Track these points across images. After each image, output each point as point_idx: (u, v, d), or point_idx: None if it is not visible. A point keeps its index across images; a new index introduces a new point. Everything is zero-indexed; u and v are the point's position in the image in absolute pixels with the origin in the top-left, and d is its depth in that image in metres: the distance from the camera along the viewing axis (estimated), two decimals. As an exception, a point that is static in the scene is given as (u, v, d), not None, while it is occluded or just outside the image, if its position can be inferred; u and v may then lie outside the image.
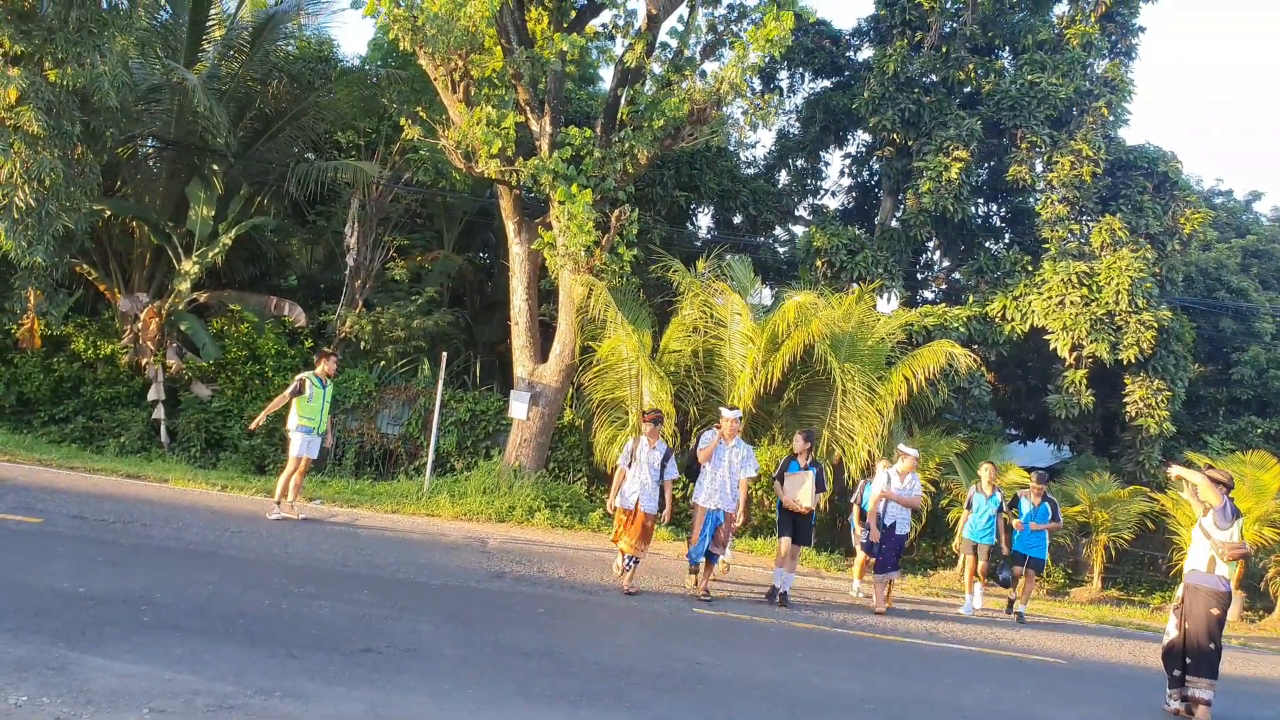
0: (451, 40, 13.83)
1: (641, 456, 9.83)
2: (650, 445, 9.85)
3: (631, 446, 9.91)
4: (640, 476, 9.81)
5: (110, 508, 10.65)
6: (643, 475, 9.81)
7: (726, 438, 10.06)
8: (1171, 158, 18.24)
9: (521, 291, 15.66)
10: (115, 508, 10.69)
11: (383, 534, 11.52)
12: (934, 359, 15.12)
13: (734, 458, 10.08)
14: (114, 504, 10.94)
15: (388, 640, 6.92)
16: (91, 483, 12.50)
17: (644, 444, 9.88)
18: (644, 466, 9.81)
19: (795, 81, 20.99)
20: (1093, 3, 18.42)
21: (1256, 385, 19.10)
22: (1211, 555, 7.86)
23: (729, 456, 10.07)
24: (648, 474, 9.80)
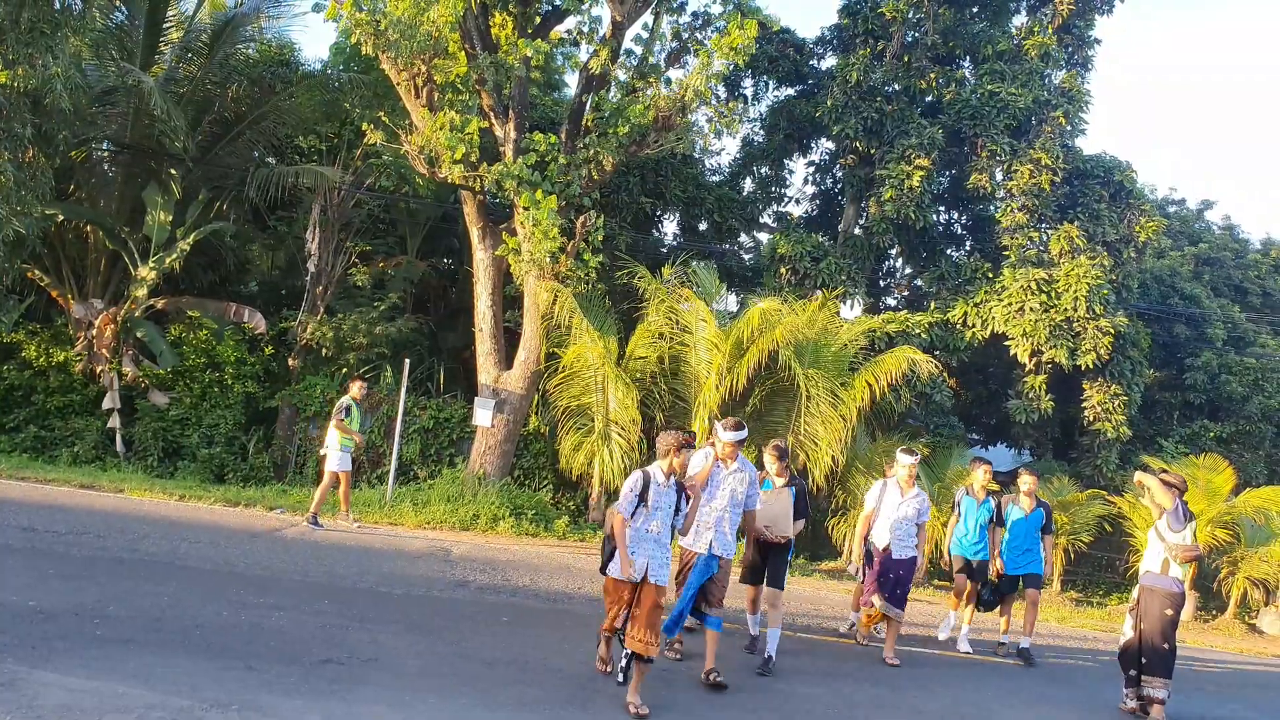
0: (415, 45, 13.74)
1: (655, 499, 6.72)
2: (665, 482, 6.77)
3: (638, 485, 6.71)
4: (651, 529, 6.70)
5: (63, 519, 10.41)
6: (655, 526, 6.71)
7: (726, 460, 7.64)
8: (1127, 167, 18.58)
9: (486, 298, 15.57)
10: (68, 519, 10.46)
11: (344, 543, 11.37)
12: (896, 365, 15.24)
13: (736, 484, 7.60)
14: (67, 515, 10.70)
15: (348, 651, 6.83)
16: (43, 493, 12.22)
17: (657, 479, 6.74)
18: (658, 514, 6.72)
19: (759, 89, 21.12)
20: (1050, 15, 18.75)
21: (1209, 390, 19.48)
22: (1165, 557, 7.99)
23: (729, 483, 7.60)
24: (663, 524, 6.75)
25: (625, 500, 6.68)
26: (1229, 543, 16.00)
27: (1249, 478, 18.03)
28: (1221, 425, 19.33)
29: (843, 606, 11.80)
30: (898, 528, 9.04)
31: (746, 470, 7.70)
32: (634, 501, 6.67)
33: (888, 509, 9.15)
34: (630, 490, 6.69)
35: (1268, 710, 9.46)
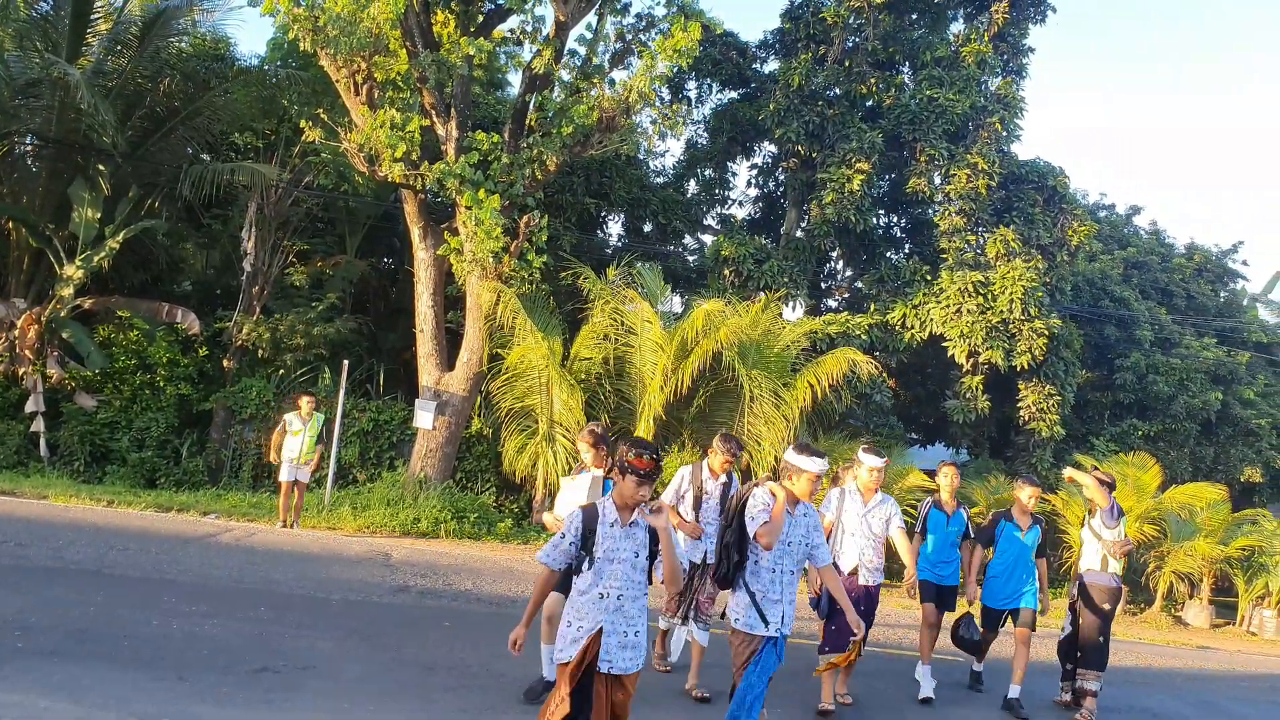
0: (354, 42, 13.51)
1: (609, 545, 4.49)
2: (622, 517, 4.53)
3: (576, 526, 4.53)
4: (605, 592, 4.47)
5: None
6: (611, 587, 4.48)
7: (802, 498, 5.36)
8: (1060, 172, 19.04)
9: (427, 298, 15.38)
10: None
11: (280, 549, 11.13)
12: (837, 366, 15.41)
13: (806, 537, 5.46)
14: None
15: (285, 659, 6.67)
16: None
17: (608, 512, 4.54)
18: (614, 567, 4.49)
19: (703, 92, 21.21)
20: (986, 23, 19.14)
21: (1137, 390, 20.06)
22: (1104, 554, 8.18)
23: (798, 531, 5.41)
24: (625, 583, 4.50)
25: (554, 549, 4.53)
26: (1156, 538, 16.51)
27: (1174, 474, 18.60)
28: (1149, 424, 19.92)
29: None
30: (864, 546, 7.27)
31: (811, 515, 5.53)
32: (570, 550, 4.47)
33: (850, 523, 7.29)
34: (565, 532, 4.50)
35: (1191, 700, 9.75)
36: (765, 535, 5.17)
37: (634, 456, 4.48)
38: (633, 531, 4.48)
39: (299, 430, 12.74)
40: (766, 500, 5.32)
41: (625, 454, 4.53)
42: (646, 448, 4.52)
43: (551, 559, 4.56)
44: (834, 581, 5.72)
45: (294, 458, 12.68)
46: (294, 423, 12.78)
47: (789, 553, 5.37)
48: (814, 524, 5.51)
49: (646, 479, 4.49)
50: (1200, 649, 14.00)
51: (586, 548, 4.46)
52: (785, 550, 5.34)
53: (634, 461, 4.48)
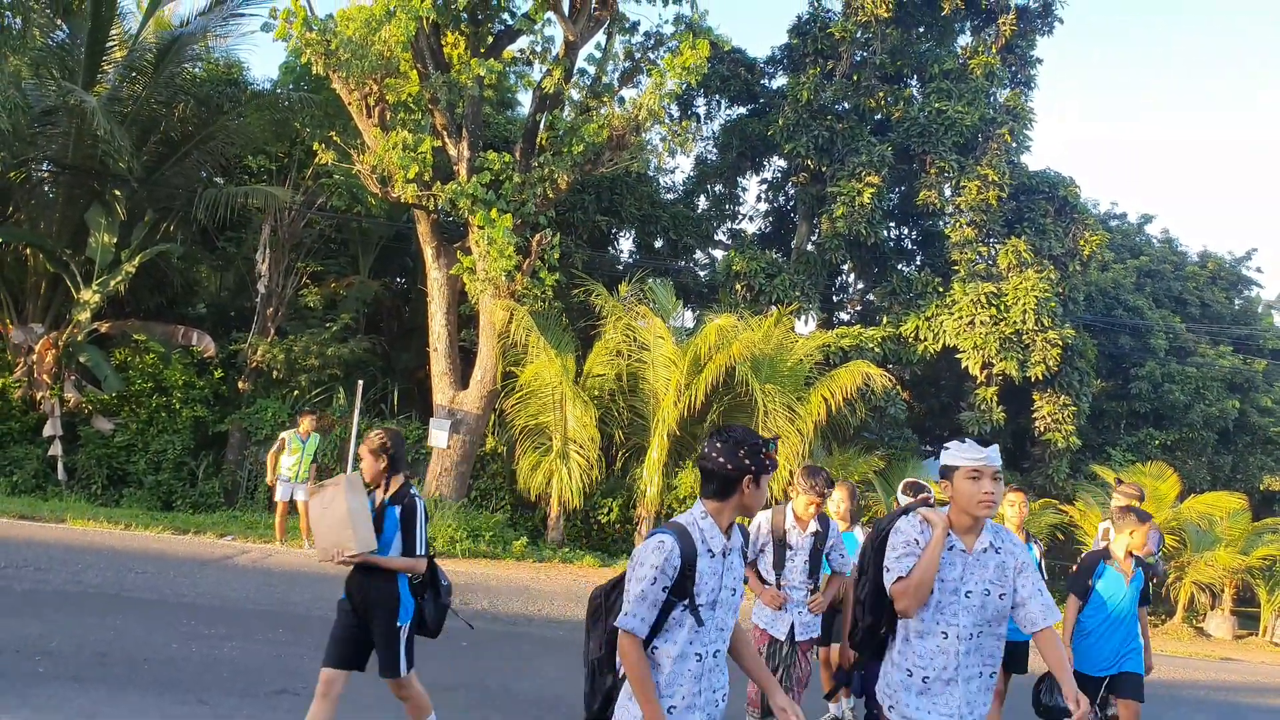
0: (366, 65, 13.64)
1: (710, 586, 3.13)
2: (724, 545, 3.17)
3: (667, 568, 3.04)
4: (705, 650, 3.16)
5: (1, 551, 10.07)
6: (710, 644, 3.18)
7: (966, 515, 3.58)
8: (1071, 182, 19.02)
9: (440, 317, 15.44)
10: (6, 551, 10.11)
11: (297, 570, 11.14)
12: (851, 379, 15.39)
13: (1000, 583, 3.60)
14: (5, 547, 10.35)
15: (304, 680, 6.67)
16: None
17: (710, 541, 3.14)
18: (719, 616, 3.19)
19: (712, 108, 21.30)
20: (993, 35, 19.18)
21: (1153, 399, 19.94)
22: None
23: (990, 584, 3.58)
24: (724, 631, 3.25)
25: (641, 603, 3.03)
26: (1176, 548, 16.36)
27: (1193, 484, 18.47)
28: (1165, 433, 19.79)
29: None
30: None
31: (1010, 549, 3.64)
32: (657, 602, 3.04)
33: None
34: (650, 580, 3.02)
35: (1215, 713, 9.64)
36: (904, 596, 3.47)
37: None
38: (732, 563, 3.19)
39: (297, 448, 12.66)
40: (916, 535, 3.54)
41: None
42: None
43: (642, 621, 3.00)
44: (1056, 656, 3.50)
45: (289, 476, 12.57)
46: (291, 441, 12.66)
47: (965, 609, 3.48)
48: (1014, 563, 3.53)
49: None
50: (1223, 660, 13.85)
51: (685, 593, 3.03)
52: (958, 606, 3.47)
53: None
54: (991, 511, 3.51)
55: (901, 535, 3.60)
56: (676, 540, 3.05)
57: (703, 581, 3.08)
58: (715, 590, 3.12)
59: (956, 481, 3.53)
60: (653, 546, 3.04)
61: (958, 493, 3.54)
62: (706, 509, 3.15)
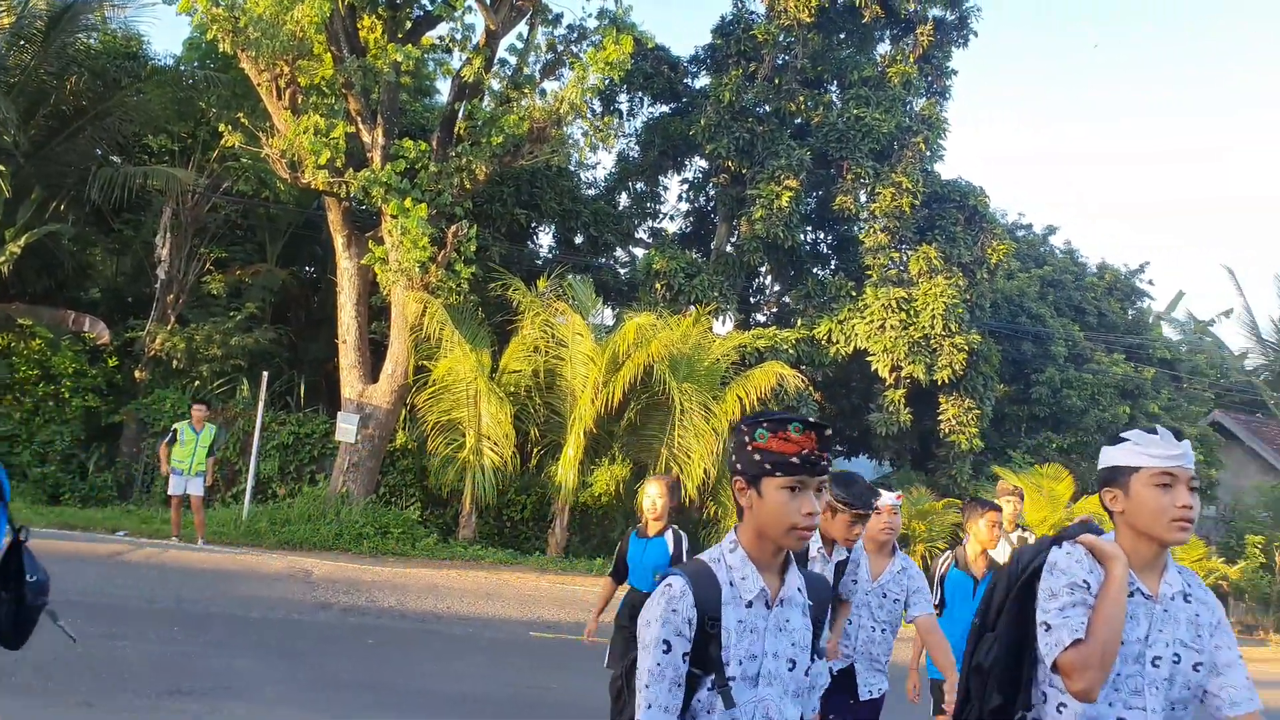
0: (277, 45, 13.15)
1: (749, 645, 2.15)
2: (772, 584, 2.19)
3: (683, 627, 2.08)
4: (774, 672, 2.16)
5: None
6: None
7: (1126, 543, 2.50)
8: (981, 192, 19.58)
9: (350, 308, 15.01)
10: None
11: (195, 566, 10.68)
12: (765, 379, 15.55)
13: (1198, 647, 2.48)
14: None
15: (199, 680, 6.36)
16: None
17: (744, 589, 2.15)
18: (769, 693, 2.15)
19: (635, 105, 21.25)
20: (911, 44, 19.61)
21: (1052, 404, 20.68)
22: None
23: (1184, 645, 2.46)
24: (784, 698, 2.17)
25: (655, 684, 2.07)
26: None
27: (1086, 485, 19.19)
28: (1063, 436, 20.54)
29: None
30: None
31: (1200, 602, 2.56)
32: (680, 679, 2.09)
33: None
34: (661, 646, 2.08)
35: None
36: (1085, 669, 2.25)
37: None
38: (787, 619, 2.18)
39: (190, 440, 12.25)
40: (1084, 574, 2.39)
41: None
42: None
43: (665, 712, 2.06)
44: None
45: (182, 470, 12.20)
46: (184, 432, 12.30)
47: (1151, 684, 2.39)
48: (1210, 619, 2.48)
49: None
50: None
51: (707, 662, 2.10)
52: (1142, 680, 2.39)
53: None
54: (1186, 536, 2.43)
55: (1063, 576, 2.38)
56: (689, 584, 2.09)
57: (733, 644, 2.09)
58: (755, 657, 2.11)
59: (1136, 489, 2.42)
60: (656, 595, 2.11)
61: (1138, 507, 2.41)
62: (737, 537, 2.20)
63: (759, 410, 3.13)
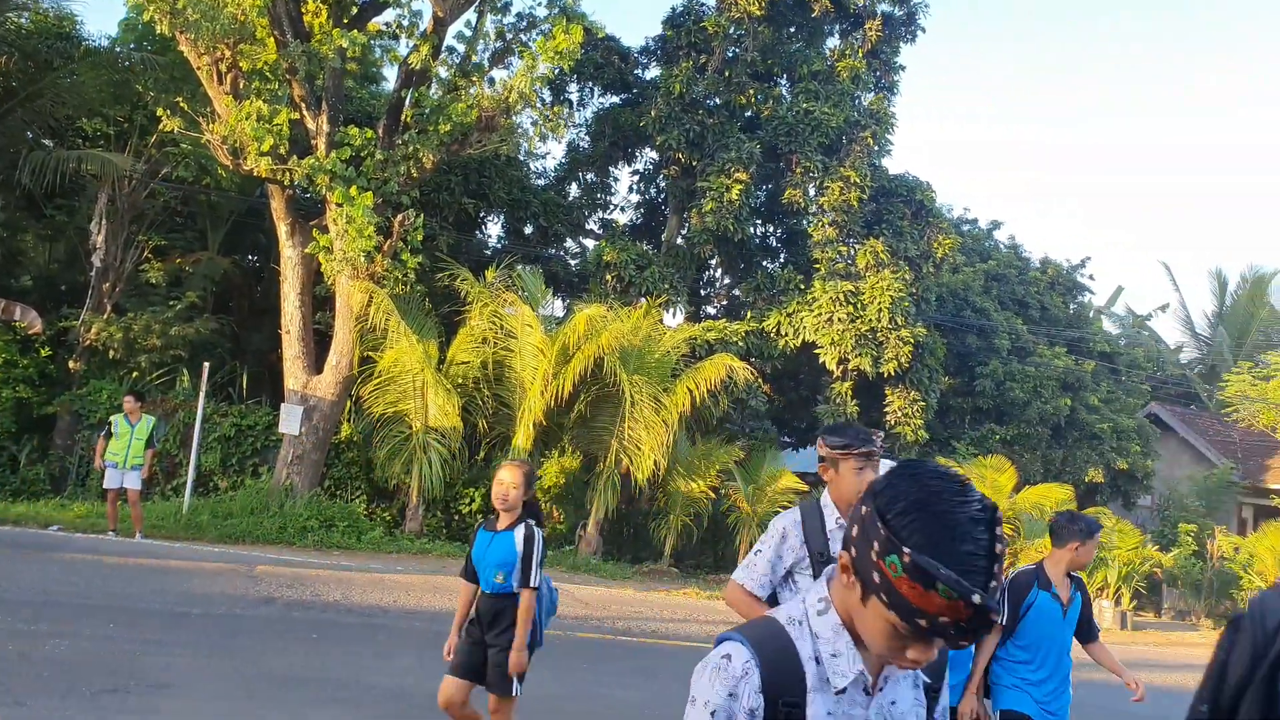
0: (217, 28, 12.87)
1: None
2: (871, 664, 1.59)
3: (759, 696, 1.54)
4: None
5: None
6: None
7: None
8: (927, 187, 19.83)
9: (294, 298, 14.75)
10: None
11: (134, 561, 10.41)
12: (715, 372, 15.62)
13: None
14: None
15: (136, 678, 6.20)
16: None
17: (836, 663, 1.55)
18: None
19: (585, 95, 21.12)
20: (860, 39, 19.76)
21: (995, 396, 21.08)
22: None
23: None
24: None
25: None
26: (1010, 536, 17.37)
27: (1028, 476, 19.62)
28: (1005, 428, 20.95)
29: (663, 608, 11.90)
30: None
31: None
32: None
33: None
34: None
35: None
36: None
37: None
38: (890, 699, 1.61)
39: (125, 432, 11.99)
40: None
41: None
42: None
43: None
44: None
45: (117, 463, 11.94)
46: (118, 425, 12.06)
47: None
48: None
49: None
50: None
51: None
52: None
53: None
54: None
55: None
56: (755, 660, 1.52)
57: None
58: None
59: None
60: (710, 668, 1.55)
61: None
62: (830, 594, 1.56)
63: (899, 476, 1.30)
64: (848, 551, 1.47)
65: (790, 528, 3.50)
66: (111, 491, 12.07)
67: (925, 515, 1.36)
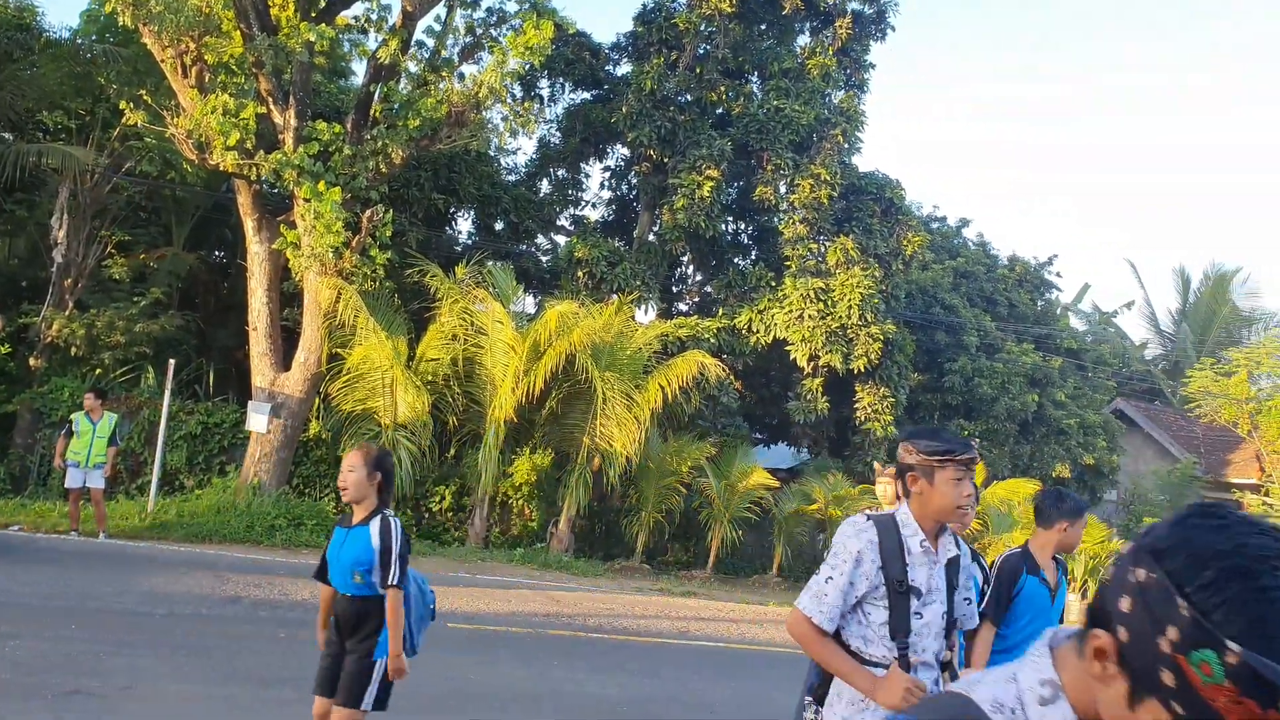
0: (182, 20, 12.69)
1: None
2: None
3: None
4: None
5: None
6: None
7: None
8: (897, 185, 19.97)
9: (261, 294, 14.59)
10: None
11: (99, 561, 10.25)
12: (687, 368, 15.64)
13: None
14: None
15: (101, 679, 6.11)
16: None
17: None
18: None
19: (556, 91, 21.06)
20: (830, 37, 19.85)
21: (964, 392, 21.28)
22: None
23: None
24: None
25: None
26: (979, 530, 17.54)
27: (996, 471, 19.82)
28: (974, 424, 21.15)
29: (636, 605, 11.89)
30: None
31: None
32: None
33: None
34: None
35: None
36: None
37: None
38: None
39: (87, 431, 11.84)
40: None
41: None
42: None
43: None
44: None
45: (78, 461, 11.79)
46: (79, 423, 11.90)
47: None
48: None
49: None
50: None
51: None
52: None
53: None
54: None
55: None
56: None
57: None
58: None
59: None
60: None
61: None
62: (1055, 672, 1.17)
63: None
64: (1110, 633, 1.05)
65: (866, 550, 2.97)
66: (74, 491, 11.89)
67: (1256, 592, 0.94)
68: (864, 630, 2.98)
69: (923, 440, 3.06)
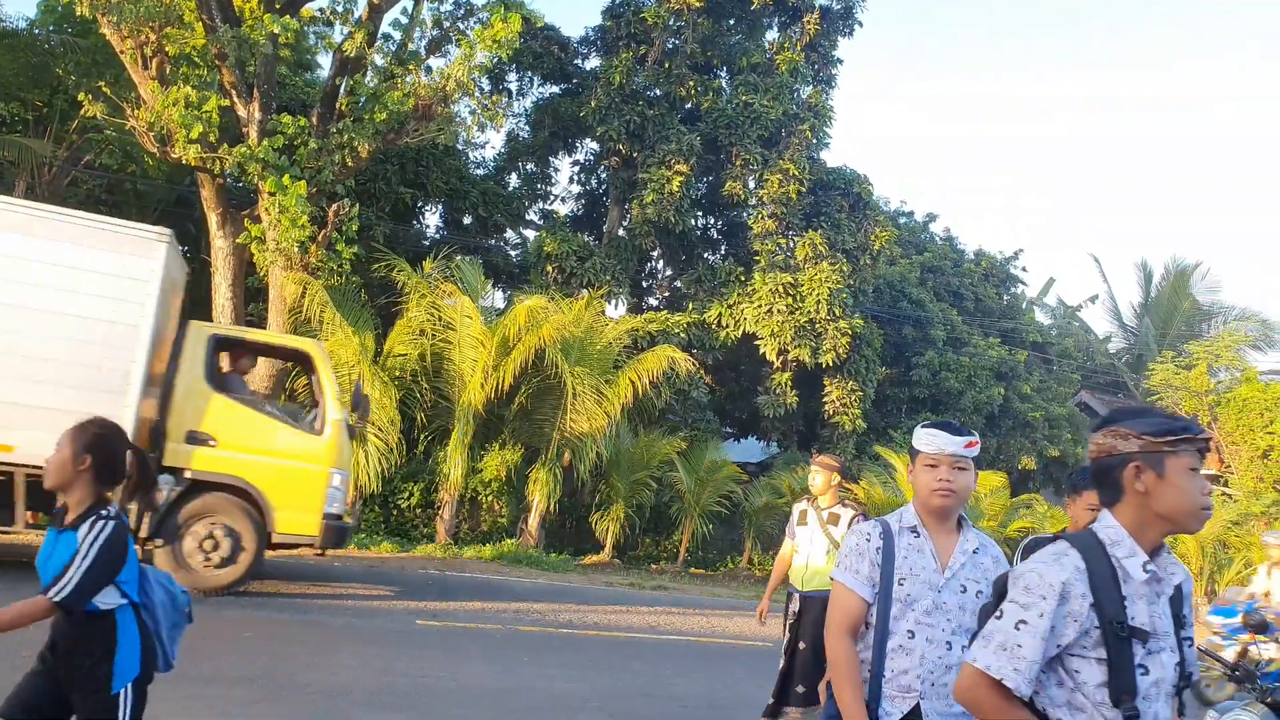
0: (141, 10, 12.43)
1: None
2: None
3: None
4: None
5: None
6: None
7: None
8: (865, 180, 20.10)
9: (225, 289, 14.38)
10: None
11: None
12: (657, 363, 15.65)
13: None
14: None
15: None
16: None
17: None
18: None
19: (524, 85, 20.97)
20: (799, 33, 19.93)
21: (931, 385, 21.48)
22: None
23: None
24: None
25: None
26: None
27: (963, 465, 20.01)
28: (941, 417, 21.33)
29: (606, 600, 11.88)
30: None
31: None
32: None
33: None
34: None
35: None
36: None
37: None
38: None
39: None
40: None
41: None
42: None
43: None
44: None
45: None
46: None
47: None
48: None
49: None
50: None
51: None
52: None
53: None
54: None
55: None
56: None
57: None
58: None
59: None
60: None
61: None
62: None
63: None
64: None
65: (1074, 581, 2.09)
66: None
67: None
68: (1070, 695, 2.10)
69: (1141, 420, 2.16)
